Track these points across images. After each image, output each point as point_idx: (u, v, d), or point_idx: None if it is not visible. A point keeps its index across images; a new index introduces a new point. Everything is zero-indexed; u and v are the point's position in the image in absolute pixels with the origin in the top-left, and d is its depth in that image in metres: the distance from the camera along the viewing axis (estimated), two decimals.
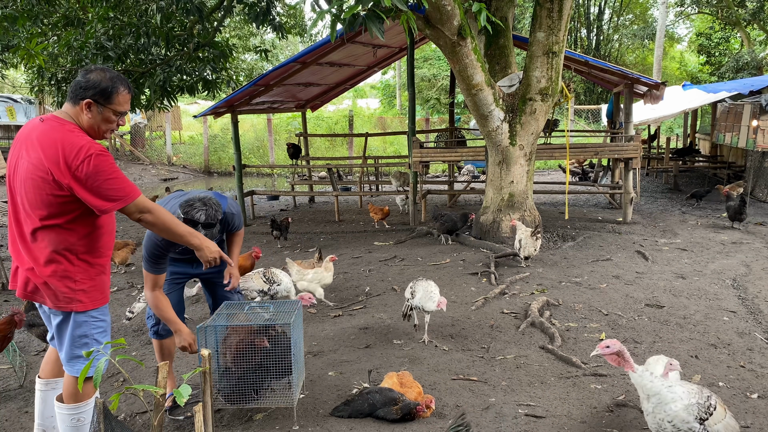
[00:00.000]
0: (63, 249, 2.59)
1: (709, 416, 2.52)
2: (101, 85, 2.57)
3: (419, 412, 3.31)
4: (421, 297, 4.40)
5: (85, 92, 2.56)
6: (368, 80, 24.64)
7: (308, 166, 13.87)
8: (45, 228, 2.56)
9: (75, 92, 2.58)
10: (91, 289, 2.68)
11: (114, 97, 2.61)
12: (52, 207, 2.53)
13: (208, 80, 8.99)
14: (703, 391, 2.61)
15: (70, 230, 2.59)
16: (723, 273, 6.21)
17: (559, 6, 7.00)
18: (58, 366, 2.89)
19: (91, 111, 2.59)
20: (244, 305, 3.46)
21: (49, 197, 2.51)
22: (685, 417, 2.53)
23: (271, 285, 4.97)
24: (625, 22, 31.00)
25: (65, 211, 2.55)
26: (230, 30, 18.90)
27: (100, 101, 2.58)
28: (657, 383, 2.62)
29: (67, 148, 2.47)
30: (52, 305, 2.63)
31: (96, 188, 2.49)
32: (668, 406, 2.56)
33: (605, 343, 2.77)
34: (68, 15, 8.02)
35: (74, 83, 2.61)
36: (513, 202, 7.58)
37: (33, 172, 2.51)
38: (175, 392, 2.06)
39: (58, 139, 2.49)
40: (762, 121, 10.70)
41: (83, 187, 2.48)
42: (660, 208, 10.63)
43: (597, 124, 23.39)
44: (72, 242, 2.60)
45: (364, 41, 9.69)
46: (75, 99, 2.59)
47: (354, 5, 4.84)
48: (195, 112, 16.21)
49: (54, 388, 2.92)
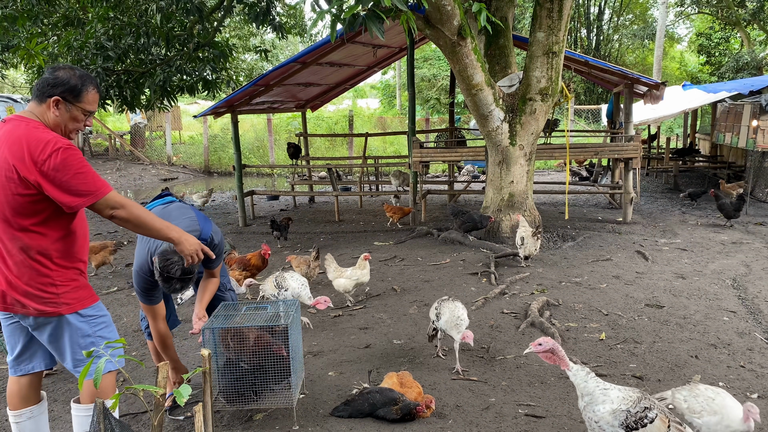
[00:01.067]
0: (36, 254, 2.49)
1: (641, 427, 2.50)
2: (70, 82, 2.51)
3: (419, 413, 3.31)
4: (447, 321, 3.94)
5: (53, 89, 2.49)
6: (368, 80, 24.65)
7: (308, 166, 13.87)
8: (15, 233, 2.46)
9: (42, 89, 2.50)
10: (75, 290, 2.59)
11: (83, 95, 2.55)
12: (20, 207, 2.43)
13: (208, 80, 9.00)
14: (642, 402, 2.55)
15: (41, 234, 2.48)
16: (723, 273, 6.21)
17: (559, 6, 7.00)
18: (24, 394, 2.75)
19: (58, 109, 2.51)
20: (242, 306, 3.46)
21: (16, 197, 2.41)
22: (611, 421, 2.53)
23: (279, 290, 4.90)
24: (625, 22, 30.99)
25: (34, 212, 2.45)
26: (230, 30, 18.90)
27: (68, 99, 2.52)
28: (591, 384, 2.63)
29: (32, 144, 2.38)
30: (38, 313, 2.52)
31: (64, 183, 2.39)
32: (597, 407, 2.57)
33: (538, 341, 2.78)
34: (68, 15, 8.03)
35: (41, 81, 2.53)
36: (513, 202, 7.58)
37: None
38: (175, 392, 2.06)
39: (22, 136, 2.40)
40: (762, 121, 10.70)
41: (50, 182, 2.38)
42: (660, 208, 10.63)
43: (597, 124, 23.38)
44: (45, 246, 2.50)
45: (364, 41, 9.69)
46: (41, 96, 2.51)
47: (354, 5, 4.84)
48: (195, 112, 16.21)
49: (30, 417, 2.77)
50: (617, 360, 4.13)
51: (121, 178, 18.45)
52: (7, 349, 2.75)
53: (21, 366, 2.72)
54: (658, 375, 3.88)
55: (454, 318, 3.91)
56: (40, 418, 2.81)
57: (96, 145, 23.92)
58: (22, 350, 2.70)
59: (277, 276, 5.02)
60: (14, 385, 2.76)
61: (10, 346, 2.71)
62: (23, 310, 2.54)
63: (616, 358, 4.15)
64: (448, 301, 4.07)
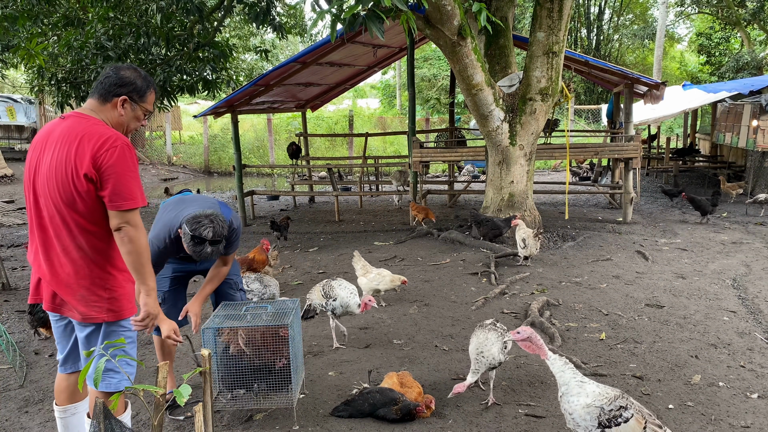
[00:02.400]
0: (96, 254, 2.47)
1: (615, 426, 2.49)
2: (137, 83, 2.56)
3: (419, 413, 3.31)
4: (477, 349, 3.41)
5: (120, 89, 2.53)
6: (368, 80, 24.65)
7: (308, 166, 13.87)
8: (72, 232, 2.44)
9: (107, 89, 2.53)
10: (122, 297, 2.56)
11: (147, 95, 2.62)
12: (79, 205, 2.41)
13: (208, 80, 8.99)
14: (618, 401, 2.54)
15: (95, 234, 2.46)
16: (723, 273, 6.21)
17: (559, 6, 7.00)
18: (72, 390, 2.77)
19: (124, 108, 2.56)
20: (243, 305, 3.46)
21: (76, 195, 2.40)
22: (583, 415, 2.54)
23: (328, 300, 4.38)
24: (625, 22, 30.99)
25: (93, 210, 2.43)
26: (230, 30, 18.89)
27: (134, 98, 2.57)
28: (567, 374, 2.65)
29: (93, 139, 2.38)
30: (83, 318, 2.49)
31: (114, 179, 2.37)
32: (572, 398, 2.59)
33: (517, 330, 2.82)
34: (68, 15, 8.02)
35: (105, 80, 2.54)
36: (513, 202, 7.58)
37: (57, 168, 2.40)
38: (175, 392, 2.05)
39: (81, 132, 2.41)
40: (762, 121, 10.70)
41: (102, 176, 2.37)
42: (660, 208, 10.63)
43: (597, 124, 23.38)
44: (102, 248, 2.48)
45: (364, 41, 9.69)
46: (107, 95, 2.53)
47: (354, 5, 4.84)
48: (195, 112, 16.21)
49: (74, 413, 2.81)
50: (617, 360, 4.13)
51: None
52: (57, 347, 2.77)
53: (70, 364, 2.75)
54: (658, 375, 3.88)
55: (485, 349, 3.40)
56: (83, 414, 2.85)
57: None
58: (71, 349, 2.72)
59: (325, 285, 4.46)
60: (63, 382, 2.79)
61: (61, 346, 2.72)
62: (69, 312, 2.54)
63: (616, 358, 4.15)
64: (480, 330, 3.51)
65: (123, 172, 2.40)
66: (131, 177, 2.43)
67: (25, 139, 20.73)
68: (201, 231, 2.89)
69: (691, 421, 3.31)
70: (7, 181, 16.86)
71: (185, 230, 2.93)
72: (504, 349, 3.43)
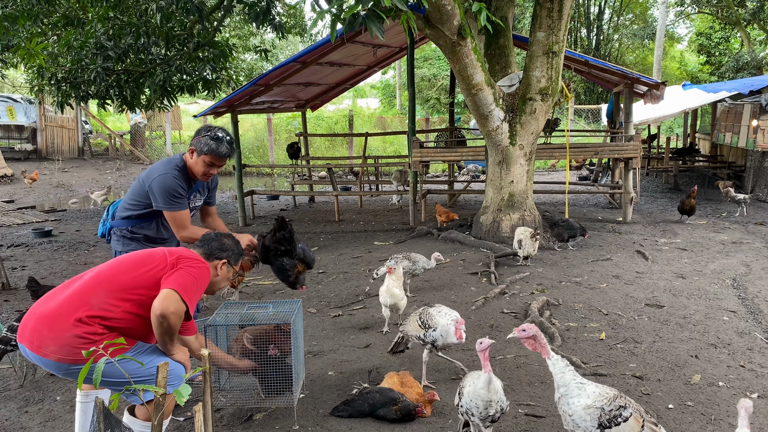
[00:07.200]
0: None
1: (615, 425, 2.50)
2: (235, 250, 3.06)
3: (419, 414, 3.31)
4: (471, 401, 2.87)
5: (222, 253, 2.98)
6: (368, 80, 24.64)
7: (308, 165, 13.88)
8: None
9: (211, 251, 2.97)
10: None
11: (239, 262, 3.16)
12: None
13: (208, 80, 8.99)
14: (617, 400, 2.55)
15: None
16: (723, 273, 6.21)
17: (559, 6, 7.00)
18: None
19: (221, 269, 2.99)
20: (244, 305, 3.47)
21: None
22: (583, 416, 2.54)
23: (426, 330, 3.71)
24: (625, 22, 31.00)
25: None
26: (230, 30, 18.87)
27: (231, 263, 3.04)
28: (568, 376, 2.63)
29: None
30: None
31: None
32: (571, 400, 2.58)
33: (521, 327, 2.77)
34: (68, 15, 8.02)
35: (208, 244, 2.99)
36: (513, 201, 7.58)
37: None
38: (175, 392, 2.06)
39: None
40: (762, 121, 10.70)
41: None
42: (660, 208, 10.63)
43: (597, 124, 23.38)
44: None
45: (364, 41, 9.69)
46: (209, 258, 2.95)
47: (354, 5, 4.83)
48: (195, 112, 16.21)
49: (93, 401, 2.83)
50: (617, 360, 4.13)
51: (121, 178, 18.45)
52: None
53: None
54: (658, 375, 3.88)
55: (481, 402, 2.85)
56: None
57: (96, 145, 23.93)
58: None
59: (422, 313, 3.82)
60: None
61: None
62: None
63: (616, 358, 4.15)
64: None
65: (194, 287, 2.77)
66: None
67: (24, 139, 20.73)
68: (217, 132, 3.51)
69: (690, 420, 3.31)
70: (7, 181, 16.86)
71: (202, 134, 3.47)
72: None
